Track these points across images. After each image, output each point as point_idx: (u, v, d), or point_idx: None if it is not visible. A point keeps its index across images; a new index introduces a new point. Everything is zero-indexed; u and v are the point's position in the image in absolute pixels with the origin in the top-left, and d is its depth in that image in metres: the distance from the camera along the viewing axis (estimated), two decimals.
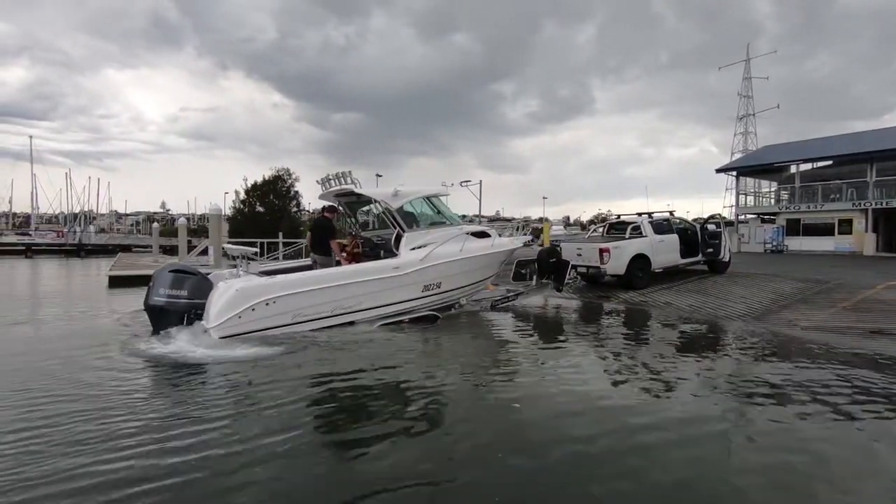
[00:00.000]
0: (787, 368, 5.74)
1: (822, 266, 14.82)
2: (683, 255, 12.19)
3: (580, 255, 11.63)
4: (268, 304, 6.74)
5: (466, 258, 8.55)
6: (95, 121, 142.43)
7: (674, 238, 12.07)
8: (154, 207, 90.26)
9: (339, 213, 9.85)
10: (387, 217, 8.41)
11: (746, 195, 28.34)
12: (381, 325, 7.65)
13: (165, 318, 6.73)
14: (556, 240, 16.51)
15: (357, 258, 8.72)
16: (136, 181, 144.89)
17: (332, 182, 8.68)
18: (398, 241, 8.10)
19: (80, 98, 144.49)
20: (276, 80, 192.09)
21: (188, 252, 18.82)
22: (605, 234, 13.49)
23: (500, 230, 10.70)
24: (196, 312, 6.74)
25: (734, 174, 28.17)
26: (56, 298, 13.04)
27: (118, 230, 64.67)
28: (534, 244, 13.37)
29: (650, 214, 12.67)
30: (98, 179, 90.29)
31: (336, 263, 8.03)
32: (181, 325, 6.68)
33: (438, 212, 8.98)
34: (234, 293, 6.62)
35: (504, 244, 9.42)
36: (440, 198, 9.18)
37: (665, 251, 11.88)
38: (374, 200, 8.53)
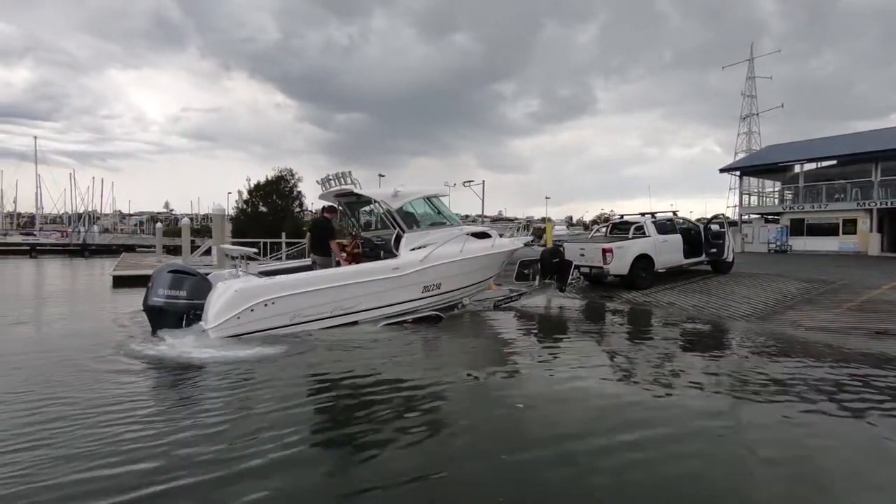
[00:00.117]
0: (792, 368, 5.71)
1: (827, 266, 14.76)
2: (687, 256, 12.16)
3: (583, 256, 11.61)
4: (267, 305, 6.72)
5: (466, 259, 8.52)
6: (99, 121, 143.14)
7: (677, 238, 12.04)
8: (157, 207, 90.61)
9: (340, 214, 9.86)
10: (386, 217, 8.41)
11: (750, 195, 28.25)
12: (385, 325, 7.65)
13: (164, 319, 6.70)
14: (559, 240, 16.51)
15: (357, 259, 8.71)
16: (140, 181, 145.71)
17: (332, 182, 8.67)
18: (398, 242, 8.08)
19: (84, 99, 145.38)
20: (279, 81, 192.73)
21: (191, 252, 18.87)
22: (609, 235, 13.48)
23: (502, 230, 10.69)
24: (195, 313, 6.71)
25: (738, 174, 28.07)
26: (61, 298, 13.09)
27: (122, 230, 64.85)
28: (535, 244, 13.34)
29: (653, 214, 12.64)
30: (102, 180, 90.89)
31: (336, 264, 8.02)
32: (180, 326, 6.65)
33: (438, 212, 8.96)
34: (233, 294, 6.59)
35: (505, 245, 9.38)
36: (440, 198, 9.16)
37: (668, 251, 11.85)
38: (374, 201, 8.52)
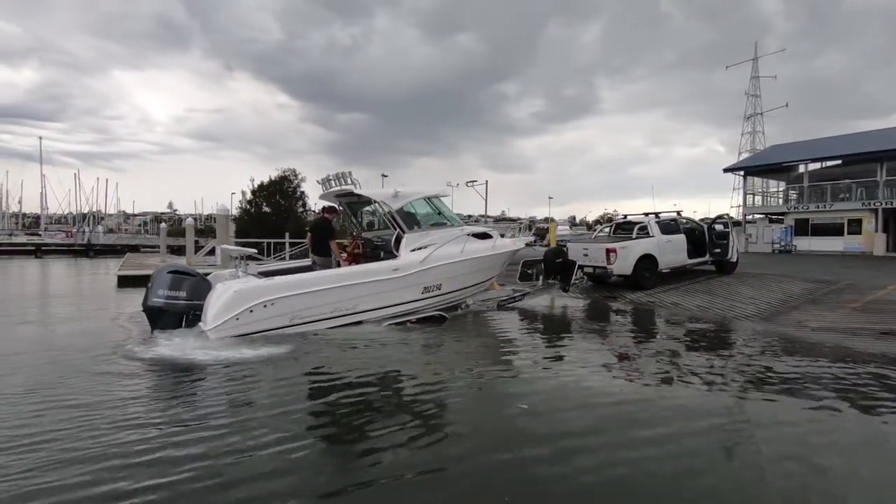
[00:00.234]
0: (798, 368, 5.69)
1: (832, 266, 14.69)
2: (691, 256, 12.13)
3: (587, 256, 11.59)
4: (266, 306, 6.69)
5: (467, 259, 8.48)
6: (103, 122, 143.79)
7: (681, 238, 12.01)
8: (161, 208, 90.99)
9: (340, 214, 9.86)
10: (387, 218, 8.40)
11: (754, 195, 28.18)
12: (388, 325, 7.65)
13: (164, 320, 6.70)
14: (563, 240, 16.50)
15: (357, 259, 8.70)
16: (144, 182, 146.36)
17: (333, 182, 8.65)
18: (398, 243, 8.04)
19: (89, 99, 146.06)
20: (282, 81, 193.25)
21: (195, 252, 18.94)
22: (612, 235, 13.46)
23: (503, 231, 10.68)
24: (195, 313, 6.70)
25: (742, 174, 27.98)
26: (66, 298, 13.15)
27: (126, 230, 65.22)
28: (536, 245, 13.31)
29: (657, 214, 12.62)
30: (106, 180, 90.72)
31: (336, 265, 8.00)
32: (180, 327, 6.65)
33: (439, 212, 8.92)
34: (233, 295, 6.57)
35: (506, 245, 9.35)
36: (441, 198, 9.12)
37: (672, 251, 11.82)
38: (374, 201, 8.48)
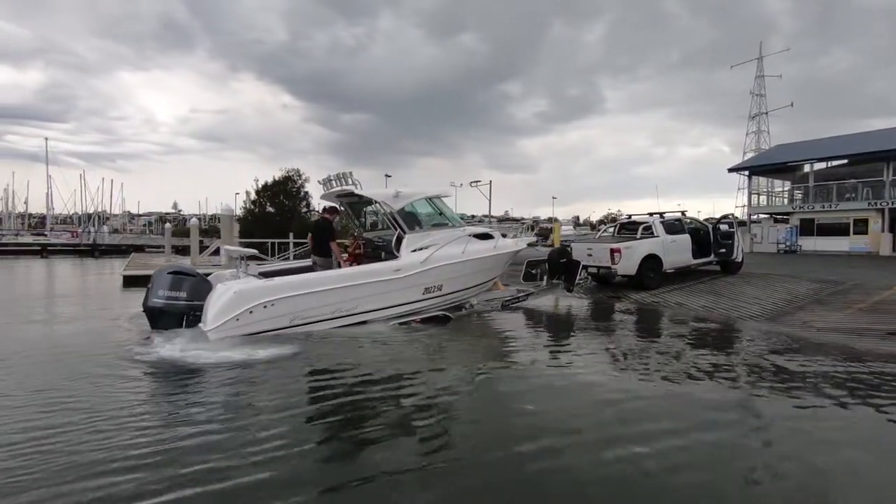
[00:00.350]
0: (803, 368, 5.67)
1: (838, 266, 14.61)
2: (695, 256, 12.10)
3: (591, 256, 11.58)
4: (266, 307, 6.69)
5: (468, 260, 8.46)
6: (108, 122, 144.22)
7: (686, 238, 11.97)
8: (166, 208, 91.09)
9: (341, 214, 9.85)
10: (388, 218, 8.39)
11: (759, 195, 28.04)
12: (393, 325, 7.66)
13: (164, 320, 6.72)
14: (567, 240, 16.47)
15: (359, 259, 8.71)
16: (149, 182, 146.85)
17: (334, 182, 8.65)
18: (399, 243, 8.02)
19: (94, 100, 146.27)
20: (286, 82, 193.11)
21: (200, 252, 19.01)
22: (616, 235, 13.43)
23: (506, 231, 10.67)
24: (195, 314, 6.70)
25: (746, 174, 27.87)
26: (72, 297, 13.23)
27: (131, 230, 65.47)
28: (538, 245, 13.29)
29: (662, 214, 12.59)
30: (111, 180, 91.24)
31: (336, 265, 7.99)
32: (180, 327, 6.65)
33: (440, 213, 8.90)
34: (233, 295, 6.56)
35: (508, 246, 9.32)
36: (442, 199, 9.09)
37: (677, 251, 11.79)
38: (375, 201, 8.47)
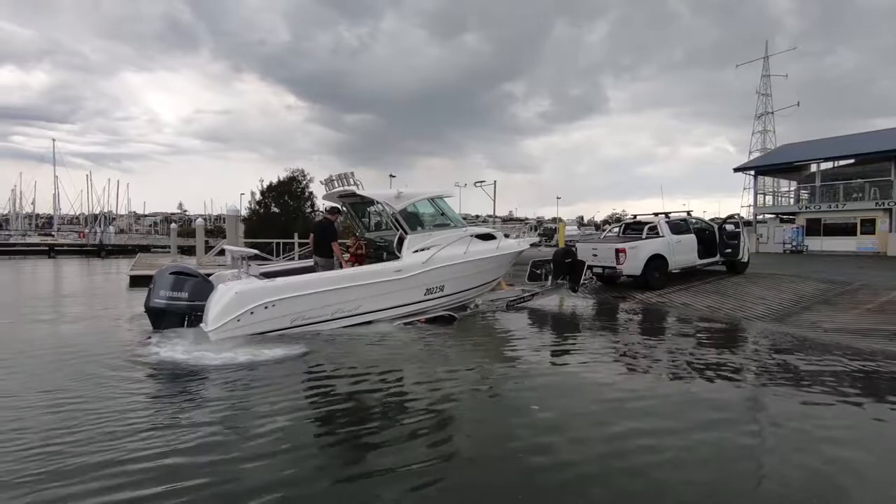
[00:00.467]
0: (811, 368, 5.64)
1: (845, 267, 14.51)
2: (701, 256, 12.05)
3: (596, 256, 11.57)
4: (267, 308, 6.70)
5: (470, 261, 8.44)
6: (114, 123, 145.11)
7: (691, 238, 11.93)
8: (171, 208, 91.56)
9: (343, 215, 9.86)
10: (389, 219, 8.40)
11: (765, 194, 27.88)
12: (398, 325, 7.68)
13: (166, 320, 6.76)
14: (571, 240, 16.44)
15: (361, 260, 8.72)
16: (154, 182, 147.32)
17: (336, 183, 8.66)
18: (401, 244, 8.02)
19: (99, 101, 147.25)
20: (290, 83, 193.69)
21: (206, 252, 19.09)
22: (621, 235, 13.39)
23: (508, 231, 10.66)
24: (196, 314, 6.74)
25: (752, 173, 27.72)
26: (79, 297, 13.32)
27: (137, 231, 65.79)
28: (542, 245, 13.26)
29: (667, 214, 12.55)
30: (118, 181, 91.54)
31: (338, 266, 7.99)
32: (182, 327, 6.67)
33: (442, 213, 8.90)
34: (234, 296, 6.58)
35: (510, 246, 9.30)
36: (444, 199, 9.08)
37: (682, 251, 11.75)
38: (376, 202, 8.47)
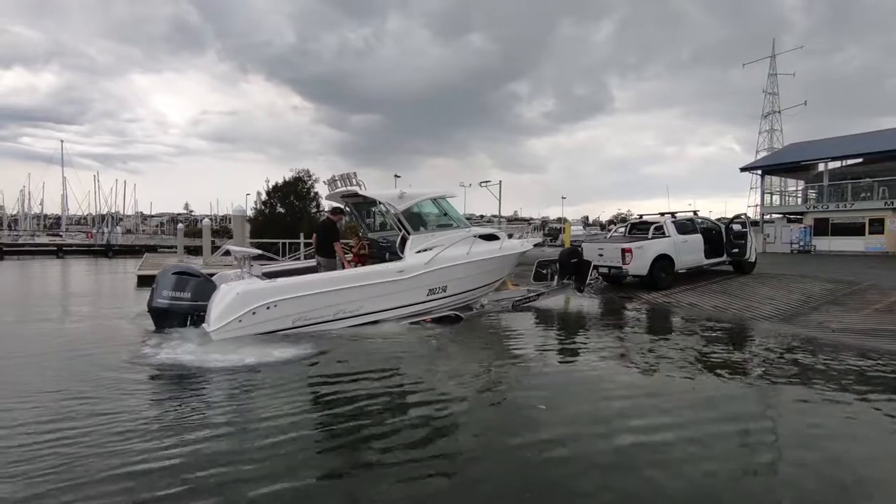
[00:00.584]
0: (820, 368, 5.61)
1: (853, 266, 14.40)
2: (708, 256, 12.00)
3: (602, 256, 11.54)
4: (269, 308, 6.70)
5: (473, 261, 8.42)
6: (121, 124, 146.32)
7: (698, 238, 11.88)
8: (178, 209, 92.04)
9: (346, 215, 9.87)
10: (392, 219, 8.39)
11: (772, 194, 27.73)
12: (405, 324, 7.68)
13: (168, 320, 6.80)
14: (577, 240, 16.40)
15: (364, 260, 8.72)
16: (160, 183, 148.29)
17: (339, 183, 8.66)
18: (403, 244, 8.01)
19: (107, 102, 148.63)
20: (296, 83, 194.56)
21: (212, 253, 19.17)
22: (627, 235, 13.35)
23: (512, 232, 10.63)
24: (199, 314, 6.76)
25: (759, 173, 27.57)
26: (88, 296, 13.43)
27: (144, 231, 66.16)
28: (546, 245, 13.19)
29: (673, 214, 12.50)
30: (125, 181, 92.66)
31: (340, 266, 7.98)
32: (185, 327, 6.70)
33: (445, 214, 8.88)
34: (236, 296, 6.58)
35: (514, 247, 9.27)
36: (447, 200, 9.07)
37: (689, 251, 11.70)
38: (379, 202, 8.46)
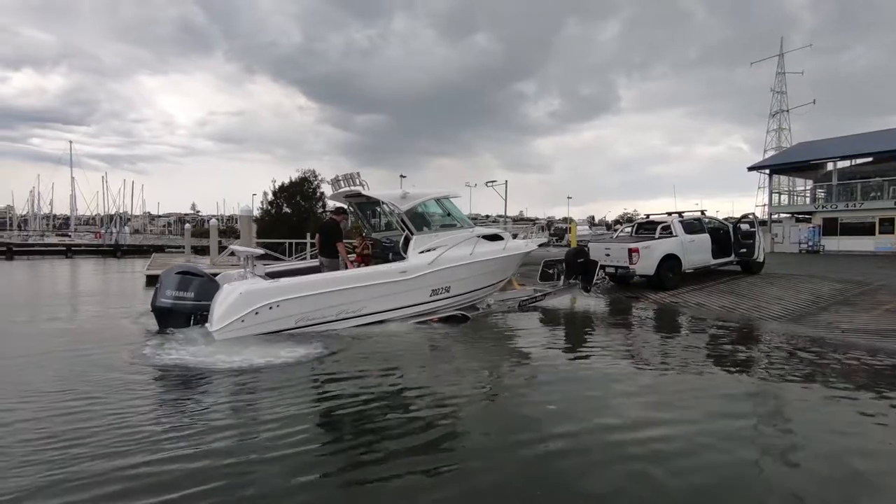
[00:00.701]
0: (829, 368, 5.56)
1: (863, 266, 14.27)
2: (715, 256, 11.92)
3: (609, 255, 11.49)
4: (271, 308, 6.71)
5: (477, 262, 8.38)
6: (129, 125, 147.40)
7: (705, 238, 11.81)
8: (185, 209, 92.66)
9: (349, 215, 9.87)
10: (395, 219, 8.38)
11: (780, 194, 27.53)
12: (411, 324, 7.69)
13: (172, 320, 6.83)
14: (583, 240, 16.35)
15: (367, 260, 8.72)
16: (167, 183, 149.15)
17: (342, 183, 8.66)
18: (406, 244, 7.99)
19: (115, 103, 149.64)
20: (301, 84, 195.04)
21: (219, 253, 19.28)
22: (634, 234, 13.30)
23: (517, 232, 10.60)
24: (202, 314, 6.79)
25: (767, 172, 27.39)
26: (97, 296, 13.53)
27: (151, 231, 66.70)
28: (550, 246, 13.12)
29: (681, 214, 12.44)
30: (132, 182, 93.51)
31: (343, 266, 7.99)
32: (188, 326, 6.73)
33: (449, 214, 8.86)
34: (238, 296, 6.59)
35: (518, 247, 9.24)
36: (451, 200, 9.04)
37: (696, 251, 11.63)
38: (382, 202, 8.45)
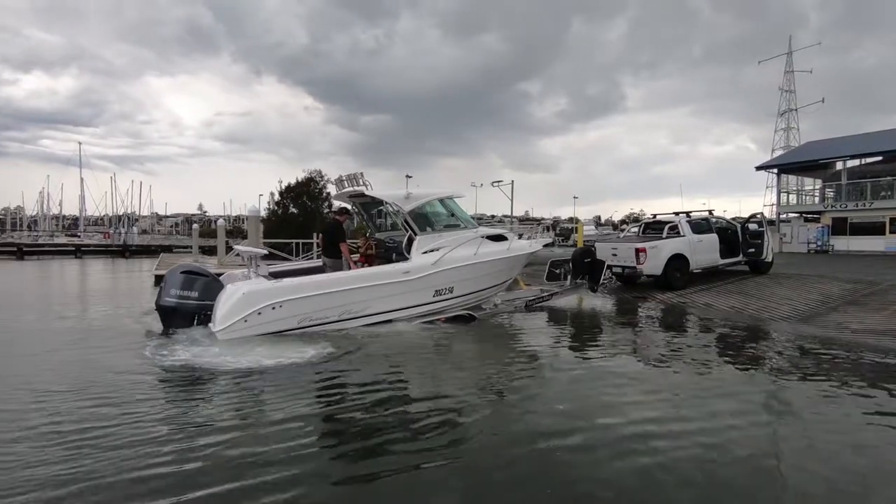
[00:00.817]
0: (838, 368, 5.53)
1: (873, 266, 14.15)
2: (723, 256, 11.86)
3: (615, 255, 11.47)
4: (274, 308, 6.72)
5: (480, 262, 8.35)
6: (137, 126, 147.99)
7: (713, 238, 11.76)
8: (192, 209, 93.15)
9: (352, 215, 9.87)
10: (398, 220, 8.37)
11: (789, 193, 27.31)
12: (418, 324, 7.71)
13: (176, 319, 6.88)
14: (589, 240, 16.33)
15: (371, 260, 8.73)
16: (175, 184, 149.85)
17: (346, 183, 8.66)
18: (410, 245, 7.99)
19: (123, 105, 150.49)
20: (308, 84, 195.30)
21: (226, 253, 19.40)
22: (641, 234, 13.26)
23: (522, 232, 10.58)
24: (206, 313, 6.83)
25: (775, 171, 27.19)
26: (106, 295, 13.66)
27: (159, 231, 67.14)
28: (555, 246, 13.05)
29: (688, 213, 12.38)
30: (140, 183, 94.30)
31: (346, 267, 8.00)
32: (192, 326, 6.78)
33: (452, 214, 8.84)
34: (241, 296, 6.61)
35: (522, 247, 9.19)
36: (455, 200, 9.02)
37: (704, 251, 11.58)
38: (386, 202, 8.45)
